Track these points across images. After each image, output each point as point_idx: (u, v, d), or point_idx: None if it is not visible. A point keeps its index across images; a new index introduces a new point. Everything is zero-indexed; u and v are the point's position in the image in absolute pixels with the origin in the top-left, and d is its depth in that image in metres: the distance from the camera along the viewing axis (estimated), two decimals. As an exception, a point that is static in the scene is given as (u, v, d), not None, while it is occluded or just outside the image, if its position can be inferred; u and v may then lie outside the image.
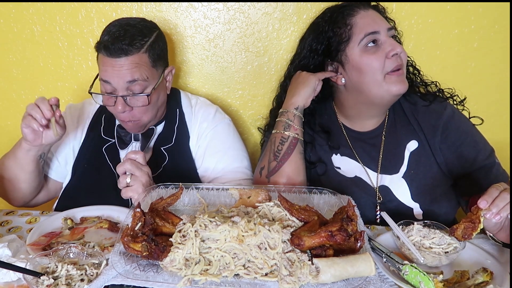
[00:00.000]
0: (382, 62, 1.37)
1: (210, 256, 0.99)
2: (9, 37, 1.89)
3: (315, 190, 1.30)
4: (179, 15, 1.84)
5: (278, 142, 1.48)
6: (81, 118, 1.70)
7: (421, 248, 1.12)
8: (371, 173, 1.52)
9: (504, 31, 1.78)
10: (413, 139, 1.52)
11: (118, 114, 1.52)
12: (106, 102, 1.51)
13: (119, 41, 1.40)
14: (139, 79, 1.44)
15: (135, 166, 1.31)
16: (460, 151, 1.46)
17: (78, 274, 1.00)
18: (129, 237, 1.01)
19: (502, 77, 1.85)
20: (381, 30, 1.40)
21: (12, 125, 2.03)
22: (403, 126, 1.54)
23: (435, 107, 1.52)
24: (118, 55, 1.40)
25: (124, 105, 1.46)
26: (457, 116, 1.52)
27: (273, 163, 1.47)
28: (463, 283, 1.02)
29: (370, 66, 1.39)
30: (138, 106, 1.48)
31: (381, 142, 1.54)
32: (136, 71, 1.43)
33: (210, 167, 1.62)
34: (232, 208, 1.20)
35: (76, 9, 1.83)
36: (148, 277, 0.96)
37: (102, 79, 1.47)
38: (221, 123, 1.68)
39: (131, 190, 1.31)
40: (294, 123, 1.48)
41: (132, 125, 1.54)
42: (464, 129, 1.49)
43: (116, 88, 1.44)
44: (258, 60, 1.89)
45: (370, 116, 1.55)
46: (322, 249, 1.00)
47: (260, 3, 1.80)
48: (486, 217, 1.06)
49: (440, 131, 1.48)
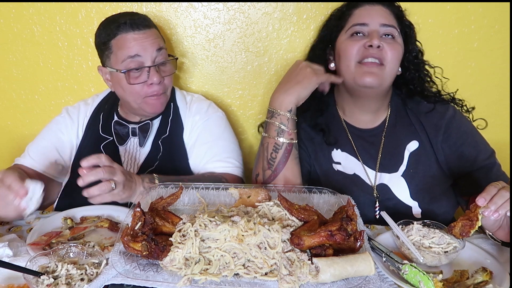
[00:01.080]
0: (357, 51, 1.42)
1: (210, 255, 0.99)
2: (9, 37, 1.89)
3: (315, 190, 1.30)
4: (179, 15, 1.85)
5: (271, 149, 1.44)
6: (79, 118, 1.72)
7: (421, 247, 1.12)
8: (369, 171, 1.52)
9: (504, 31, 1.78)
10: (414, 139, 1.52)
11: (151, 88, 1.54)
12: (136, 79, 1.52)
13: (139, 16, 1.54)
14: (163, 48, 1.56)
15: (109, 171, 1.23)
16: (461, 150, 1.47)
17: (78, 274, 1.00)
18: (129, 236, 1.01)
19: (502, 77, 1.85)
20: (371, 24, 1.43)
21: (12, 125, 2.03)
22: (404, 126, 1.55)
23: (438, 108, 1.53)
24: (144, 27, 1.52)
25: (159, 75, 1.53)
26: (459, 117, 1.53)
27: (267, 172, 1.44)
28: (463, 283, 1.02)
29: (346, 52, 1.44)
30: (168, 75, 1.58)
31: (381, 141, 1.54)
32: (160, 40, 1.57)
33: (199, 155, 1.63)
34: (232, 207, 1.20)
35: (76, 9, 1.84)
36: (148, 277, 0.96)
37: (129, 56, 1.50)
38: (213, 116, 1.70)
39: (112, 195, 1.24)
40: (288, 127, 1.43)
41: (158, 100, 1.57)
42: (465, 129, 1.50)
43: (145, 61, 1.51)
44: (258, 60, 1.90)
45: (362, 111, 1.56)
46: (322, 248, 1.00)
47: (260, 3, 1.80)
48: (484, 214, 1.06)
49: (442, 131, 1.49)
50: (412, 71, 1.55)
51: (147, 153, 1.64)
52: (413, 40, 1.55)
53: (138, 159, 1.64)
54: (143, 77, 1.52)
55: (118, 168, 1.26)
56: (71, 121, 1.70)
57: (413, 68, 1.55)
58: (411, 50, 1.53)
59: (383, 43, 1.40)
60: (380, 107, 1.57)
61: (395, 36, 1.45)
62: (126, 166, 1.64)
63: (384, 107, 1.58)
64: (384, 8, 1.47)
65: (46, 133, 1.69)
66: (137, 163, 1.64)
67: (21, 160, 1.62)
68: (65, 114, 1.72)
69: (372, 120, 1.58)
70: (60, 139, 1.67)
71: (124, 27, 1.50)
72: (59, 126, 1.70)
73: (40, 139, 1.68)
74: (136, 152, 1.65)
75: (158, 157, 1.61)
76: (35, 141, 1.68)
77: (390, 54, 1.41)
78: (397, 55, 1.44)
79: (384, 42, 1.41)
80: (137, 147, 1.65)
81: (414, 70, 1.55)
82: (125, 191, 1.27)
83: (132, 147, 1.66)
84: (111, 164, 1.25)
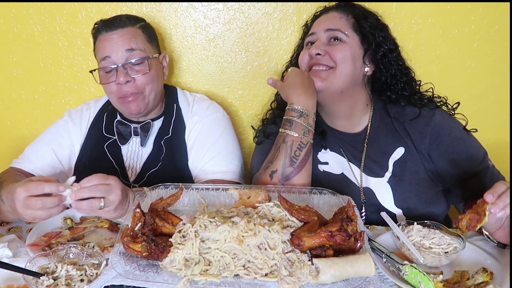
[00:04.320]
0: (306, 61, 1.52)
1: (210, 256, 0.99)
2: (9, 37, 1.89)
3: (315, 190, 1.30)
4: (179, 15, 1.84)
5: (296, 147, 1.43)
6: (82, 120, 1.72)
7: (421, 248, 1.12)
8: (355, 170, 1.52)
9: (504, 31, 1.78)
10: (399, 146, 1.50)
11: (120, 88, 1.53)
12: (107, 79, 1.54)
13: (115, 18, 1.56)
14: (136, 49, 1.53)
15: (104, 190, 1.16)
16: (452, 158, 1.44)
17: (78, 275, 1.00)
18: (129, 237, 1.01)
19: (502, 77, 1.85)
20: (318, 31, 1.51)
21: (12, 125, 2.03)
22: (388, 133, 1.53)
23: (423, 113, 1.49)
24: (116, 27, 1.52)
25: (126, 75, 1.51)
26: (447, 122, 1.48)
27: (289, 169, 1.42)
28: (463, 283, 1.02)
29: (300, 62, 1.56)
30: (140, 75, 1.53)
31: (363, 148, 1.54)
32: (132, 41, 1.53)
33: (198, 157, 1.62)
34: (232, 208, 1.20)
35: (76, 9, 1.84)
36: (148, 278, 0.96)
37: (102, 58, 1.53)
38: (212, 116, 1.68)
39: (103, 212, 1.19)
40: (312, 128, 1.46)
41: (134, 99, 1.55)
42: (456, 134, 1.46)
43: (115, 61, 1.52)
44: (258, 60, 1.89)
45: (334, 116, 1.58)
46: (322, 249, 1.00)
47: (260, 3, 1.80)
48: (491, 211, 1.04)
49: (428, 138, 1.46)
50: (382, 70, 1.51)
51: (148, 152, 1.64)
52: (376, 38, 1.49)
53: (140, 159, 1.64)
54: (112, 78, 1.53)
55: (116, 186, 1.18)
56: (73, 124, 1.69)
57: (383, 67, 1.51)
58: (375, 49, 1.48)
59: (326, 48, 1.45)
60: (353, 111, 1.55)
61: (342, 38, 1.46)
62: (128, 165, 1.64)
63: (360, 112, 1.56)
64: (337, 13, 1.51)
65: (45, 136, 1.68)
66: (139, 162, 1.64)
67: (20, 163, 1.60)
68: (67, 117, 1.71)
69: (350, 125, 1.57)
70: (60, 143, 1.66)
71: (98, 29, 1.55)
72: (60, 129, 1.69)
73: (39, 142, 1.66)
74: (138, 152, 1.65)
75: (161, 158, 1.61)
76: (35, 144, 1.66)
77: (338, 56, 1.43)
78: (343, 55, 1.44)
79: (329, 46, 1.46)
80: (139, 146, 1.65)
81: (384, 68, 1.51)
82: (117, 211, 1.20)
83: (134, 147, 1.66)
84: (106, 181, 1.17)
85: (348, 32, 1.47)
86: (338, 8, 1.53)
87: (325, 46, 1.47)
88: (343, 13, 1.51)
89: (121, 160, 1.64)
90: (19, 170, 1.58)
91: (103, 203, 1.15)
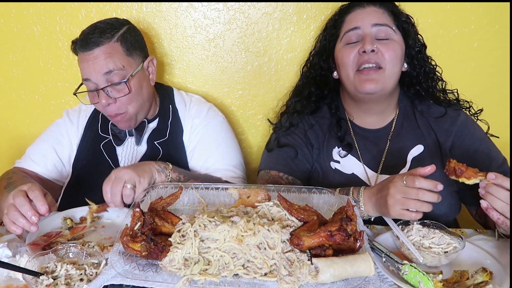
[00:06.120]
0: (352, 59, 1.43)
1: (210, 256, 0.99)
2: (9, 37, 1.89)
3: (315, 190, 1.30)
4: (179, 15, 1.84)
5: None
6: (79, 119, 1.72)
7: (421, 248, 1.12)
8: (370, 172, 1.52)
9: (504, 31, 1.78)
10: (419, 143, 1.51)
11: (105, 109, 1.53)
12: (92, 100, 1.54)
13: (90, 35, 1.46)
14: (115, 69, 1.47)
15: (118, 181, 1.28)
16: (474, 158, 1.44)
17: (78, 274, 1.00)
18: (128, 236, 1.01)
19: (502, 77, 1.85)
20: (363, 26, 1.44)
21: (12, 125, 2.03)
22: (411, 130, 1.54)
23: (449, 112, 1.52)
24: (91, 47, 1.45)
25: (107, 97, 1.48)
26: (471, 124, 1.52)
27: None
28: (463, 283, 1.02)
29: (343, 61, 1.46)
30: (121, 96, 1.49)
31: (386, 144, 1.54)
32: (110, 61, 1.46)
33: (199, 163, 1.63)
34: (232, 208, 1.20)
35: (76, 9, 1.84)
36: (147, 277, 0.96)
37: (83, 79, 1.51)
38: (213, 120, 1.69)
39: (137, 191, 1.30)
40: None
41: (121, 119, 1.55)
42: (478, 136, 1.49)
43: (96, 83, 1.48)
44: (258, 60, 1.89)
45: (367, 113, 1.56)
46: (322, 249, 1.00)
47: (260, 3, 1.80)
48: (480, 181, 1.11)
49: (453, 137, 1.48)
50: (416, 66, 1.53)
51: (143, 152, 1.64)
52: (413, 35, 1.52)
53: (135, 158, 1.64)
54: (96, 98, 1.51)
55: (124, 172, 1.28)
56: (71, 123, 1.71)
57: (417, 63, 1.52)
58: (412, 45, 1.50)
59: (377, 46, 1.40)
60: (387, 108, 1.56)
61: (391, 35, 1.43)
62: (124, 165, 1.64)
63: (391, 108, 1.57)
64: (376, 8, 1.47)
65: (46, 136, 1.70)
66: (134, 162, 1.64)
67: (22, 163, 1.63)
68: (66, 117, 1.73)
69: (378, 121, 1.57)
70: (60, 142, 1.67)
71: (75, 48, 1.50)
72: (59, 128, 1.70)
73: (41, 142, 1.68)
74: (133, 152, 1.66)
75: (157, 159, 1.61)
76: (36, 144, 1.68)
77: (387, 56, 1.40)
78: (395, 55, 1.42)
79: (379, 45, 1.40)
80: (134, 146, 1.65)
81: (418, 65, 1.53)
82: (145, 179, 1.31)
83: (130, 147, 1.66)
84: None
85: (394, 28, 1.46)
86: (376, 3, 1.48)
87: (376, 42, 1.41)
88: (383, 9, 1.47)
89: (116, 160, 1.65)
90: (23, 170, 1.59)
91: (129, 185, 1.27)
